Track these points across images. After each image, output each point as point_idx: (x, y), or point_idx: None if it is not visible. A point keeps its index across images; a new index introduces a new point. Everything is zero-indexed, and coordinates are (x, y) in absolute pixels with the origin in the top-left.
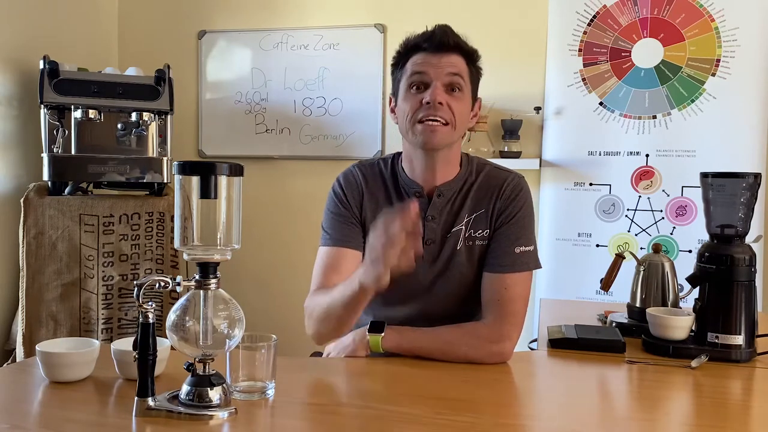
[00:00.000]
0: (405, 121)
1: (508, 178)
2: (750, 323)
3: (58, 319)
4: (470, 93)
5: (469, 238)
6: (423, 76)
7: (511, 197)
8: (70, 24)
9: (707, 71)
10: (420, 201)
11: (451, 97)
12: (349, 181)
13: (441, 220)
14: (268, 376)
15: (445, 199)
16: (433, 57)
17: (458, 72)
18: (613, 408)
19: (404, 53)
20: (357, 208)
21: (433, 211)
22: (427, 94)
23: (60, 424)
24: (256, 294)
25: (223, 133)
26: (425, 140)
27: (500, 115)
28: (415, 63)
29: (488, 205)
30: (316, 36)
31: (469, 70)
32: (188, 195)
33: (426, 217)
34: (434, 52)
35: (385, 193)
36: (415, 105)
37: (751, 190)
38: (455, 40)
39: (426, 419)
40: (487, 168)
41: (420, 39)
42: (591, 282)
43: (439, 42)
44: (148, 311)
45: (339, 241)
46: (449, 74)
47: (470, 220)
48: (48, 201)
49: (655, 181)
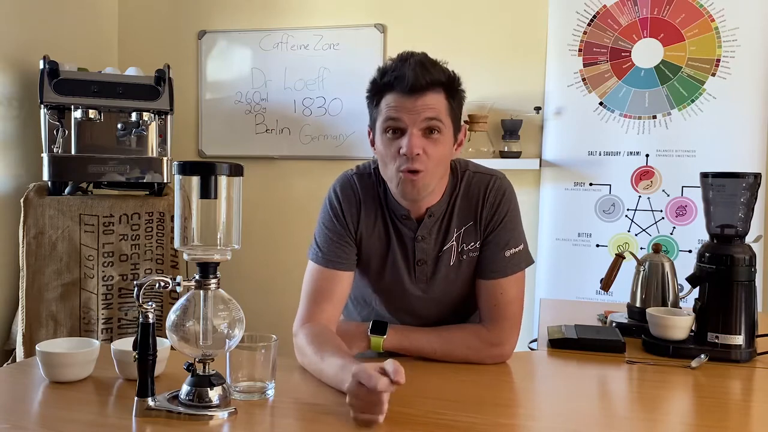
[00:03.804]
0: (383, 166)
1: (490, 182)
2: (750, 323)
3: (58, 319)
4: (452, 127)
5: (462, 252)
6: (398, 122)
7: (496, 203)
8: (70, 24)
9: (707, 71)
10: (408, 223)
11: (429, 141)
12: (347, 195)
13: (432, 240)
14: (268, 376)
15: (434, 218)
16: (407, 100)
17: (435, 115)
18: (613, 408)
19: (376, 91)
20: (354, 224)
21: (423, 232)
22: (404, 144)
23: (60, 424)
24: (256, 294)
25: (223, 133)
26: (405, 193)
27: (500, 115)
28: (389, 106)
29: (475, 216)
30: (316, 36)
31: (449, 105)
32: (188, 195)
33: (416, 238)
34: (410, 93)
35: (378, 211)
36: (393, 153)
37: (751, 190)
38: (430, 78)
39: (426, 419)
40: (468, 173)
41: (392, 78)
42: (591, 282)
43: (413, 85)
44: (148, 311)
45: (332, 262)
46: (425, 119)
47: (460, 235)
48: (48, 201)
49: (655, 181)
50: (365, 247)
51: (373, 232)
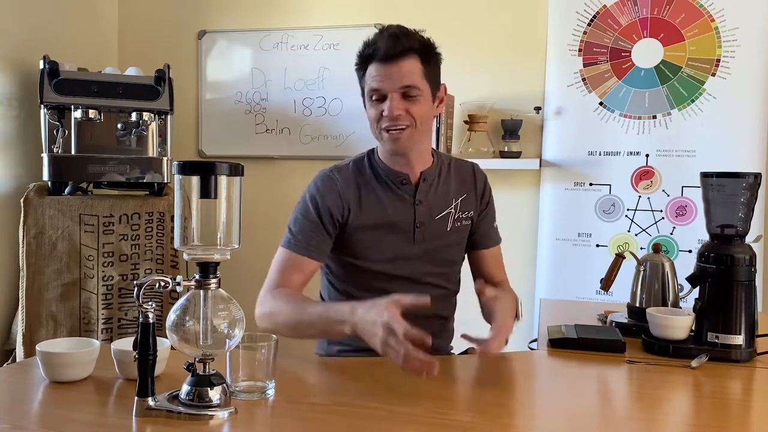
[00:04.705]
0: (372, 128)
1: (473, 165)
2: (750, 323)
3: (58, 319)
4: (429, 89)
5: (458, 219)
6: (379, 91)
7: (484, 181)
8: (70, 24)
9: (707, 71)
10: (406, 188)
11: (408, 101)
12: (327, 185)
13: (428, 204)
14: (268, 376)
15: (428, 183)
16: (385, 68)
17: (411, 82)
18: (613, 408)
19: (361, 63)
20: (338, 208)
21: (421, 196)
22: (386, 107)
23: (60, 424)
24: (256, 294)
25: (223, 133)
26: (393, 148)
27: (500, 115)
28: (371, 76)
29: (470, 189)
30: (316, 36)
31: (424, 68)
32: (188, 195)
33: (415, 202)
34: (386, 62)
35: (369, 185)
36: (377, 115)
37: (751, 190)
38: (401, 47)
39: (426, 419)
40: (451, 158)
41: (371, 50)
42: (591, 282)
43: (387, 52)
44: (148, 311)
45: (303, 248)
46: (402, 87)
47: (458, 203)
48: (48, 201)
49: (655, 181)
50: (360, 221)
51: (367, 204)
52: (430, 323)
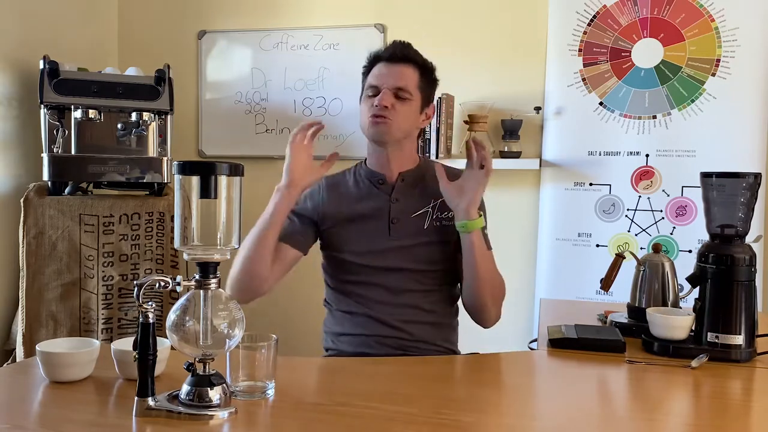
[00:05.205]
0: (362, 122)
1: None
2: (750, 323)
3: (58, 319)
4: (420, 99)
5: (437, 219)
6: (376, 87)
7: None
8: (70, 24)
9: (707, 71)
10: (383, 187)
11: (397, 100)
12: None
13: (405, 202)
14: (268, 376)
15: (407, 183)
16: (387, 68)
17: (405, 85)
18: (613, 408)
19: (368, 65)
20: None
21: (398, 194)
22: (377, 98)
23: (60, 424)
24: None
25: (223, 133)
26: (374, 132)
27: (500, 115)
28: (374, 74)
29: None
30: (316, 36)
31: (420, 81)
32: (188, 195)
33: (391, 199)
34: (389, 62)
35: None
36: (369, 107)
37: (751, 190)
38: (407, 53)
39: (426, 419)
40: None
41: (380, 51)
42: (591, 282)
43: (392, 54)
44: (148, 311)
45: (281, 236)
46: (396, 87)
47: (437, 204)
48: (48, 201)
49: (655, 181)
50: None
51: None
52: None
